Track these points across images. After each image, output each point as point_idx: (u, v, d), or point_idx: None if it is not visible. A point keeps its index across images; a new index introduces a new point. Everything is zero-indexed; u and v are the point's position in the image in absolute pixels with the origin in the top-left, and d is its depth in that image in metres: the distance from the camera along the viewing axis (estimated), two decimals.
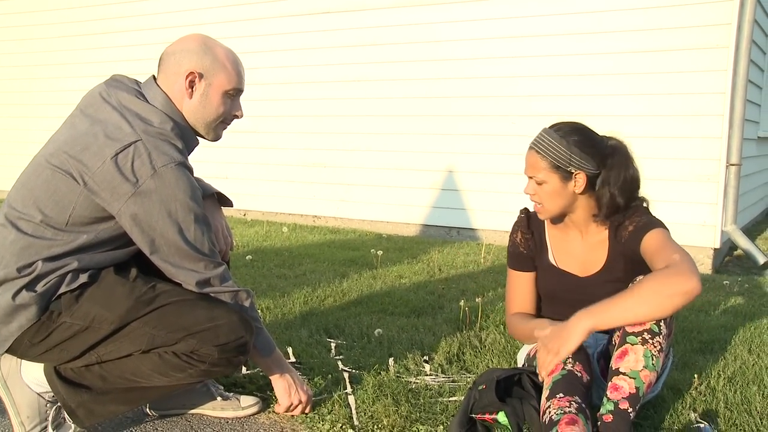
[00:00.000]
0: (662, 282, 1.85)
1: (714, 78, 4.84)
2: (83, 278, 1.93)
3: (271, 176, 6.76)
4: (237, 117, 2.13)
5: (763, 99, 6.64)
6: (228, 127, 2.14)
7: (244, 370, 2.57)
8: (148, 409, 2.29)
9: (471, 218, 5.82)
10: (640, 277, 2.03)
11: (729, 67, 4.78)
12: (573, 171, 2.13)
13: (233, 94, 2.10)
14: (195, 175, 2.30)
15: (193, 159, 2.09)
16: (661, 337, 1.88)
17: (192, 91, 2.03)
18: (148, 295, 1.95)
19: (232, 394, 2.33)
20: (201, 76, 2.02)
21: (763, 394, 2.42)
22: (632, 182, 2.18)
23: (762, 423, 2.20)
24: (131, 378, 1.98)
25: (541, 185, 2.17)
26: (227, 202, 2.35)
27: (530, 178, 2.20)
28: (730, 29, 4.76)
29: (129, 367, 1.97)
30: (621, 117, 5.05)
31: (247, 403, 2.30)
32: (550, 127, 2.19)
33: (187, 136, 2.05)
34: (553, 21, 5.34)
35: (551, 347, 1.89)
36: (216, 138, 2.14)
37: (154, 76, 2.06)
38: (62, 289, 1.91)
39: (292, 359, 2.71)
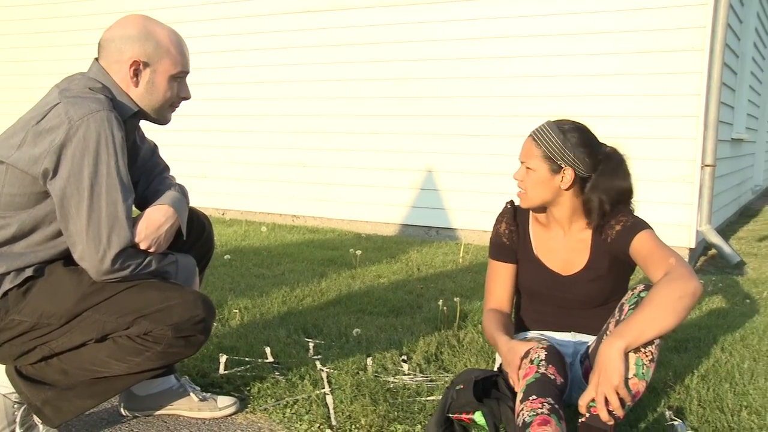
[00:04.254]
0: (668, 289, 1.88)
1: (689, 80, 4.90)
2: (28, 272, 1.90)
3: (250, 175, 6.74)
4: (185, 99, 2.10)
5: (737, 101, 6.74)
6: (177, 109, 2.11)
7: (221, 369, 2.56)
8: (122, 410, 2.27)
9: (450, 218, 5.84)
10: (641, 286, 2.05)
11: (704, 69, 4.84)
12: (563, 165, 2.16)
13: (179, 77, 2.06)
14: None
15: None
16: (653, 346, 1.90)
17: (137, 79, 1.98)
18: (98, 285, 1.92)
19: (209, 394, 2.32)
20: (146, 64, 1.98)
21: (734, 392, 2.46)
22: (623, 193, 2.20)
23: (733, 419, 2.23)
24: (91, 368, 1.95)
25: (529, 172, 2.20)
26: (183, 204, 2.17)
27: (522, 163, 2.23)
28: (704, 32, 4.82)
29: (86, 357, 1.94)
30: (600, 118, 5.09)
31: (225, 403, 2.28)
32: (555, 121, 2.22)
33: (119, 106, 1.97)
34: (533, 22, 5.38)
35: (605, 388, 1.82)
36: (165, 121, 2.11)
37: (96, 59, 2.01)
38: (7, 286, 1.88)
39: (270, 359, 2.70)
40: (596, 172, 2.18)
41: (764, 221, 7.65)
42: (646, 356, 1.89)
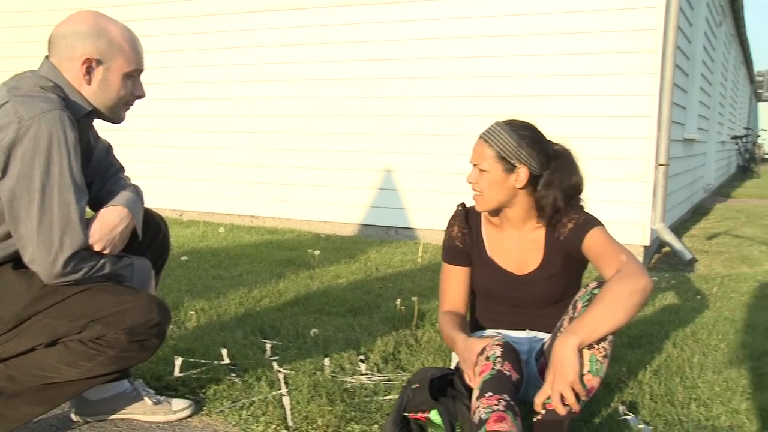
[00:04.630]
0: (620, 285, 1.91)
1: (643, 81, 4.98)
2: None
3: (208, 176, 6.67)
4: (139, 97, 2.05)
5: (688, 102, 6.88)
6: (131, 108, 2.06)
7: (176, 372, 2.53)
8: (73, 415, 2.21)
9: (409, 218, 5.85)
10: (593, 284, 2.07)
11: (656, 70, 4.92)
12: (517, 164, 2.17)
13: (133, 76, 2.01)
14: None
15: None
16: (607, 342, 1.93)
17: (90, 77, 1.93)
18: (49, 288, 1.87)
19: (163, 397, 2.28)
20: (99, 61, 1.93)
21: (684, 385, 2.51)
22: (575, 188, 2.23)
23: (683, 412, 2.28)
24: (40, 374, 1.90)
25: (483, 174, 2.20)
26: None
27: (475, 166, 2.23)
28: (657, 34, 4.90)
29: (35, 362, 1.90)
30: (556, 117, 5.15)
31: (179, 406, 2.25)
32: (504, 121, 2.24)
33: (72, 105, 1.92)
34: (489, 23, 5.42)
35: (561, 385, 1.85)
36: (119, 120, 2.06)
37: (47, 57, 1.96)
38: None
39: (227, 360, 2.68)
40: (549, 169, 2.21)
41: (715, 219, 7.82)
42: (600, 352, 1.92)
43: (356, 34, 5.89)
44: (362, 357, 2.73)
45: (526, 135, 2.18)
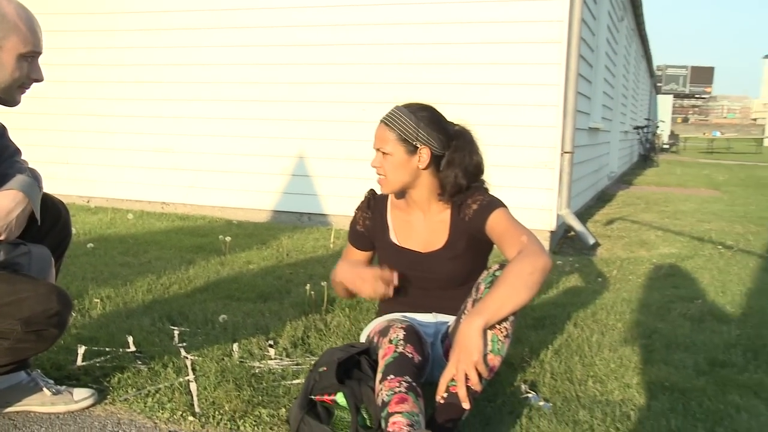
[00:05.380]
0: (520, 265, 1.96)
1: (549, 71, 5.11)
2: None
3: (116, 162, 6.46)
4: (37, 81, 1.96)
5: (593, 92, 7.10)
6: (28, 91, 1.96)
7: (79, 361, 2.45)
8: None
9: (322, 204, 5.84)
10: (495, 266, 2.12)
11: (562, 61, 5.06)
12: (418, 146, 2.20)
13: (30, 57, 1.91)
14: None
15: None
16: (508, 322, 1.97)
17: None
18: None
19: (64, 387, 2.19)
20: None
21: (583, 363, 2.60)
22: (476, 167, 2.28)
23: (580, 388, 2.37)
24: None
25: (386, 157, 2.23)
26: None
27: (377, 150, 2.26)
28: (562, 26, 5.03)
29: None
30: (466, 105, 5.21)
31: (81, 396, 2.17)
32: (403, 105, 2.28)
33: None
34: (398, 10, 5.44)
35: (465, 365, 1.87)
36: (14, 103, 1.96)
37: None
38: None
39: (132, 348, 2.61)
40: (450, 149, 2.25)
41: (617, 206, 8.13)
42: (501, 332, 1.97)
43: (265, 18, 5.81)
44: (271, 342, 2.72)
45: (424, 116, 2.22)
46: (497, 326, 1.96)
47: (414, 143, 2.20)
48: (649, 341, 2.90)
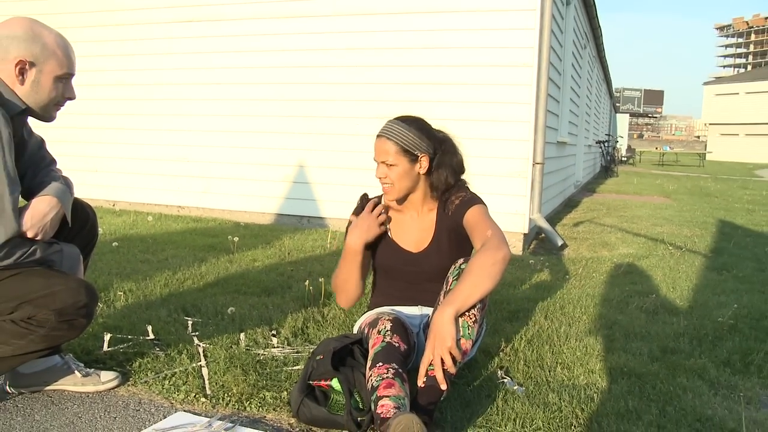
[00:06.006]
0: (483, 258, 1.96)
1: (522, 91, 5.10)
2: None
3: (138, 170, 6.42)
4: (70, 99, 1.99)
5: (561, 110, 7.11)
6: (62, 108, 2.00)
7: (105, 347, 2.42)
8: (8, 387, 2.10)
9: (320, 208, 5.81)
10: (461, 260, 2.11)
11: (533, 82, 5.05)
12: (418, 154, 2.20)
13: (65, 79, 1.95)
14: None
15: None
16: (476, 309, 1.96)
17: (23, 78, 1.87)
18: None
19: (92, 370, 2.18)
20: (32, 64, 1.86)
21: (552, 352, 2.59)
22: (460, 165, 2.31)
23: (550, 374, 2.36)
24: None
25: (391, 168, 2.21)
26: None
27: (381, 162, 2.23)
28: (533, 51, 5.03)
29: None
30: (448, 120, 5.12)
31: (107, 378, 2.16)
32: (396, 119, 2.27)
33: (7, 104, 1.85)
34: (388, 37, 5.43)
35: (441, 351, 1.86)
36: (51, 119, 1.99)
37: None
38: None
39: (151, 336, 2.58)
40: (440, 152, 2.26)
41: (582, 211, 8.13)
42: (470, 318, 1.95)
43: (276, 43, 5.79)
44: (274, 332, 2.70)
45: (420, 127, 2.24)
46: (466, 313, 1.95)
47: (415, 152, 2.20)
48: (610, 332, 2.89)
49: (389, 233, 2.37)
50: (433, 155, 2.23)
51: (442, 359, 1.86)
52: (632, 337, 2.81)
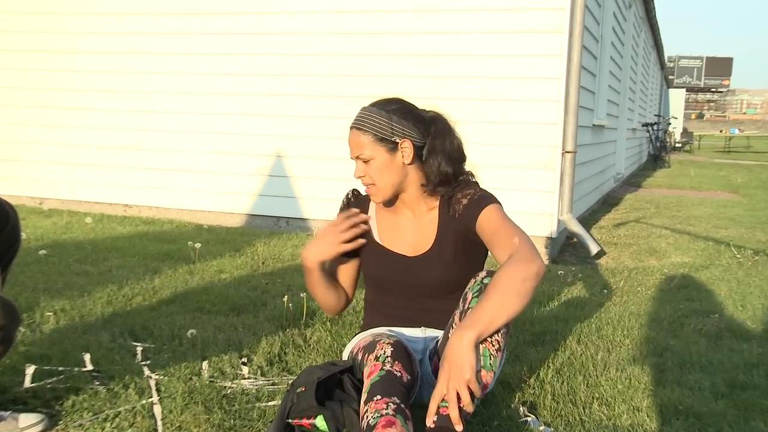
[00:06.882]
0: (512, 272, 1.95)
1: (549, 63, 5.12)
2: None
3: (73, 159, 6.43)
4: None
5: (597, 86, 7.12)
6: None
7: (27, 382, 2.42)
8: None
9: (301, 207, 5.82)
10: (483, 273, 2.12)
11: (563, 52, 5.07)
12: (398, 140, 2.21)
13: None
14: None
15: None
16: (500, 335, 1.96)
17: None
18: None
19: (8, 412, 2.15)
20: None
21: (587, 384, 2.60)
22: (458, 151, 2.30)
23: (584, 412, 2.36)
24: None
25: (368, 163, 2.23)
26: None
27: (357, 159, 2.26)
28: (563, 14, 5.04)
29: None
30: (459, 100, 5.22)
31: (28, 422, 2.12)
32: (368, 105, 2.28)
33: None
34: None
35: (457, 384, 1.85)
36: None
37: None
38: None
39: (89, 367, 2.58)
40: (430, 135, 2.26)
41: (625, 210, 8.16)
42: (493, 346, 1.95)
43: (238, 4, 5.79)
44: (245, 359, 2.70)
45: (395, 108, 2.24)
46: (488, 339, 1.94)
47: (392, 139, 2.21)
48: (661, 360, 2.90)
49: (378, 239, 2.38)
50: (420, 140, 2.24)
51: (458, 394, 1.86)
52: (689, 368, 2.81)
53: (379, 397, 1.86)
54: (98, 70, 6.28)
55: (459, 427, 1.87)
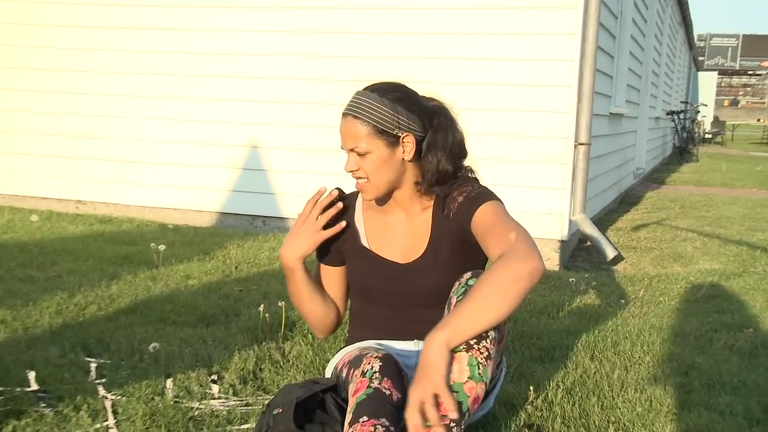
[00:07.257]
0: (501, 270, 1.92)
1: (561, 42, 5.12)
2: None
3: (16, 148, 6.43)
4: None
5: (615, 70, 7.13)
6: None
7: None
8: None
9: (279, 205, 5.83)
10: (468, 274, 2.11)
11: (577, 30, 5.07)
12: (400, 134, 2.19)
13: None
14: None
15: None
16: (488, 341, 1.94)
17: None
18: None
19: None
20: None
21: (602, 406, 2.61)
22: (459, 146, 2.29)
23: None
24: None
25: (364, 156, 2.21)
26: None
27: (350, 151, 2.24)
28: None
29: None
30: (459, 85, 5.23)
31: None
32: (365, 89, 2.25)
33: None
34: None
35: (426, 392, 1.82)
36: None
37: None
38: None
39: (34, 387, 2.58)
40: (432, 128, 2.24)
41: (646, 210, 8.19)
42: (480, 353, 1.92)
43: None
44: (214, 377, 2.70)
45: (400, 97, 2.21)
46: (475, 347, 1.91)
47: (395, 132, 2.19)
48: (686, 379, 2.91)
49: (365, 242, 2.38)
50: (421, 134, 2.24)
51: (435, 403, 1.82)
52: (718, 389, 2.83)
53: (365, 418, 1.87)
54: (42, 46, 6.27)
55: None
